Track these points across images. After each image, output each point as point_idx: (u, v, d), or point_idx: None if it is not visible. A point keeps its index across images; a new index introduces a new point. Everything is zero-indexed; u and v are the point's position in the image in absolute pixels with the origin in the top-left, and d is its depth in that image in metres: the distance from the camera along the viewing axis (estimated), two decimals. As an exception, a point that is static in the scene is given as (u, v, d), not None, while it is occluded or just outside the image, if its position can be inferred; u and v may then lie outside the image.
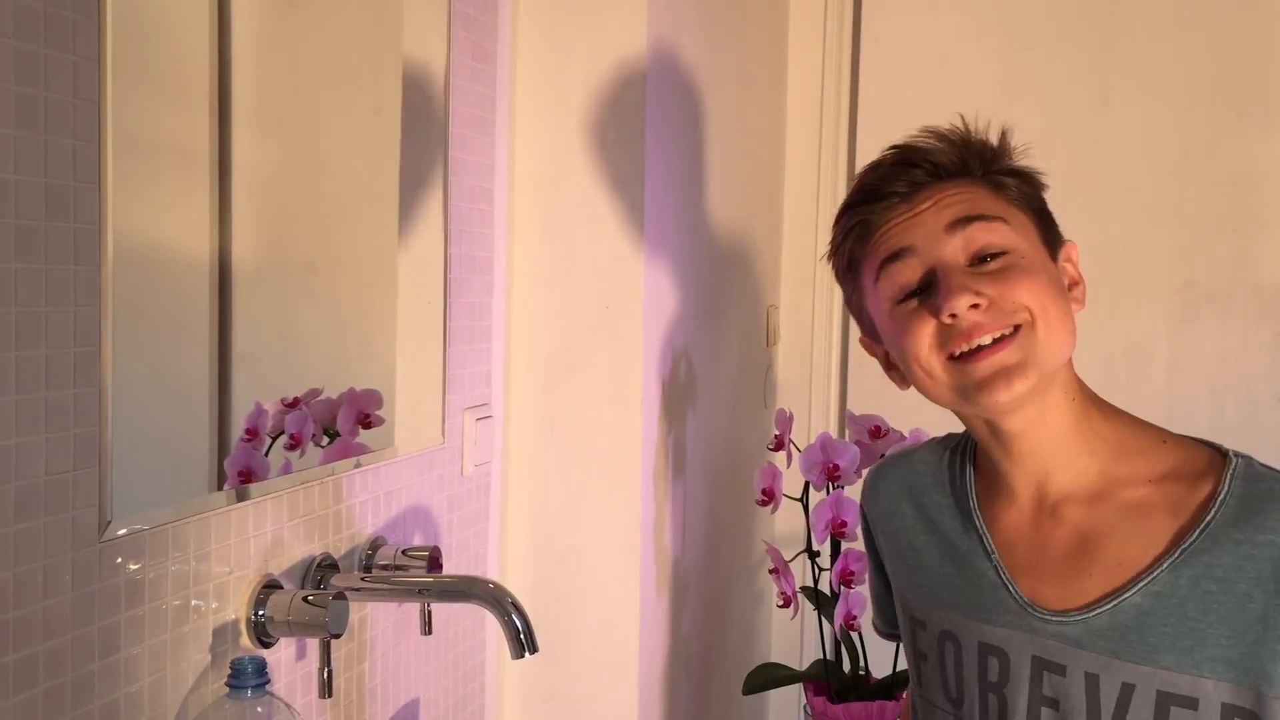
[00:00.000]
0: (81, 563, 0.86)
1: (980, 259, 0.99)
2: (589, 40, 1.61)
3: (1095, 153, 2.45)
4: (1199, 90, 2.44)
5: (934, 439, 1.21)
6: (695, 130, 1.88)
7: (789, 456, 1.82)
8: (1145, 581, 0.97)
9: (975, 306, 0.97)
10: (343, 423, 1.27)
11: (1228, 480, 0.98)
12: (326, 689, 1.10)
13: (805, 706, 1.79)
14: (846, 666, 1.80)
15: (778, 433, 1.83)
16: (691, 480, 1.93)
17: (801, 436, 2.41)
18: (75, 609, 0.85)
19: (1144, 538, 0.99)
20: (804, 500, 1.78)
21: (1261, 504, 0.96)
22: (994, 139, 1.05)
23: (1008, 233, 1.00)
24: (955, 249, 0.99)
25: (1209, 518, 0.97)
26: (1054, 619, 1.01)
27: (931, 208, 1.01)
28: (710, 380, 2.04)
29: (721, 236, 2.11)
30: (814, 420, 2.63)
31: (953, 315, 0.97)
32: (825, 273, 2.65)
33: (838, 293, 2.65)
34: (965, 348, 0.97)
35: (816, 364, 2.68)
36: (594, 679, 1.65)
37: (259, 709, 0.97)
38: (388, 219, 1.34)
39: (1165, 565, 0.97)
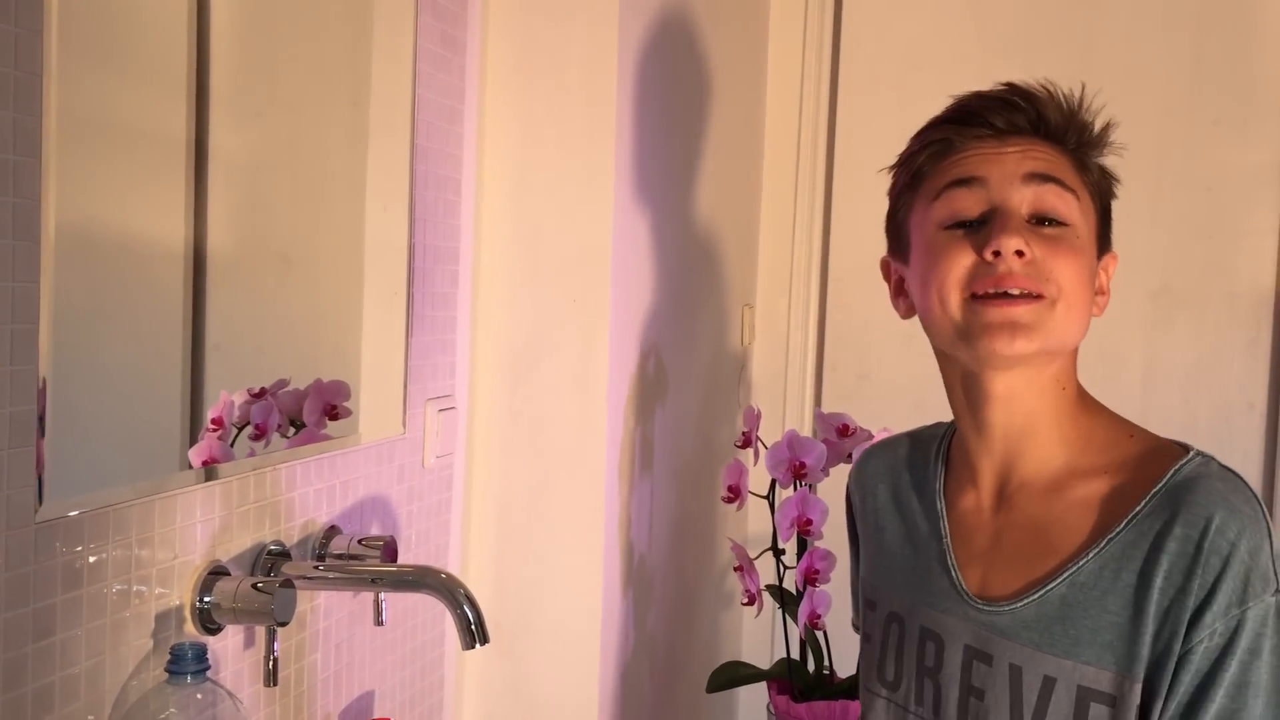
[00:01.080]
0: (16, 543, 0.84)
1: (1040, 220, 0.98)
2: (561, 31, 1.60)
3: (1072, 157, 2.45)
4: (1175, 97, 2.44)
5: (920, 429, 1.21)
6: (669, 126, 1.87)
7: (756, 454, 1.81)
8: (1070, 572, 0.97)
9: (1020, 254, 0.96)
10: (309, 414, 1.26)
11: (1170, 473, 0.96)
12: (271, 678, 1.09)
13: (769, 705, 1.78)
14: (811, 666, 1.80)
15: (745, 430, 1.82)
16: (660, 477, 1.92)
17: (773, 436, 2.41)
18: (8, 590, 0.84)
19: (1079, 527, 0.98)
20: (770, 498, 1.78)
21: (1188, 495, 0.94)
22: (1099, 124, 1.04)
23: (1075, 208, 0.99)
24: (1023, 199, 0.98)
25: (1138, 508, 0.96)
26: (986, 608, 1.01)
27: (1018, 153, 1.00)
28: (681, 377, 2.03)
29: (695, 234, 2.10)
30: (789, 421, 2.63)
31: (996, 253, 0.96)
32: (802, 273, 2.67)
33: (815, 293, 2.68)
34: (991, 290, 0.96)
35: (792, 364, 2.68)
36: (555, 674, 1.64)
37: (199, 695, 0.95)
38: (356, 208, 1.33)
39: (1089, 555, 0.96)
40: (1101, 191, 1.04)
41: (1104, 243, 1.05)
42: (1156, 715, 0.91)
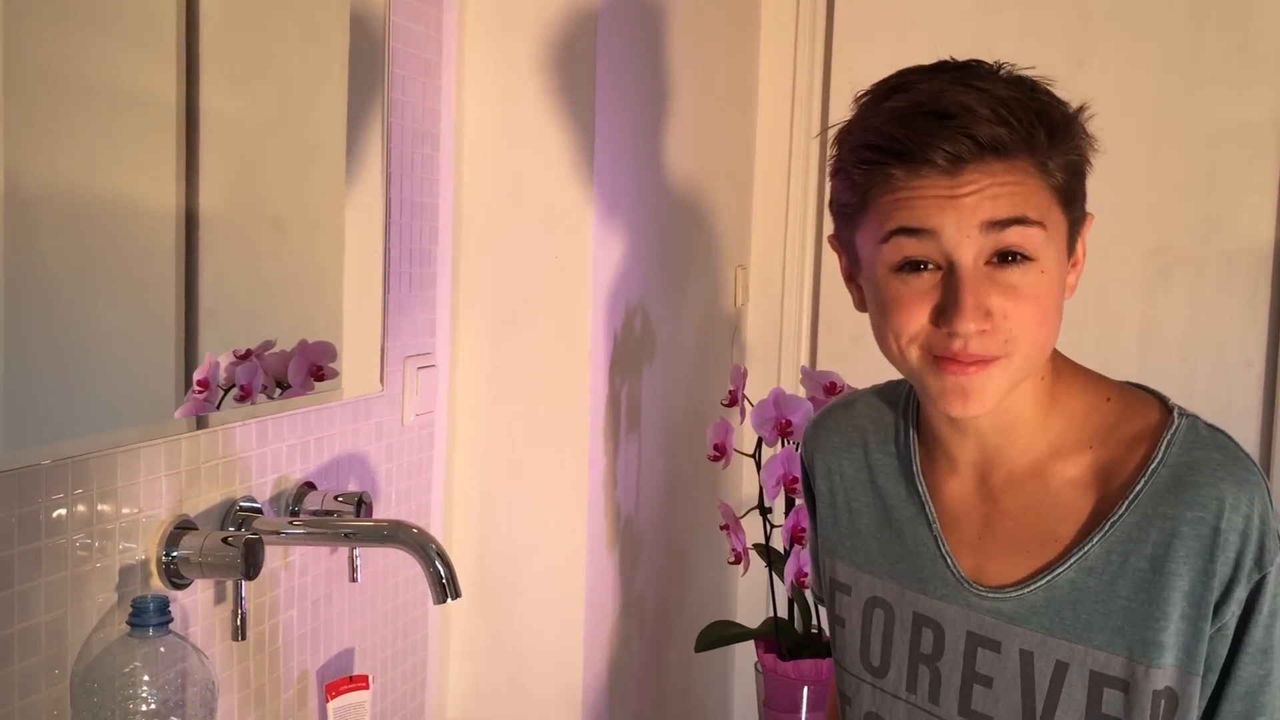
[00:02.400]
0: (-32, 494, 0.83)
1: (1003, 256, 0.89)
2: (540, -17, 1.57)
3: (1069, 114, 2.42)
4: (1174, 53, 2.40)
5: (873, 388, 1.16)
6: (656, 81, 1.84)
7: (743, 413, 1.80)
8: (1077, 556, 0.95)
9: (982, 331, 0.89)
10: (294, 375, 1.25)
11: (1163, 447, 0.93)
12: (240, 632, 1.09)
13: (756, 664, 1.78)
14: (799, 625, 1.79)
15: (732, 388, 1.80)
16: (648, 437, 1.91)
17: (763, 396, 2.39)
18: (-38, 541, 0.83)
19: (1079, 510, 0.96)
20: (756, 456, 1.76)
21: (1192, 475, 0.91)
22: (1065, 114, 0.92)
23: (1040, 240, 0.89)
24: (982, 248, 0.88)
25: (1138, 488, 0.93)
26: (990, 595, 0.98)
27: (973, 195, 0.87)
28: (670, 337, 2.01)
29: (682, 192, 2.08)
30: (784, 382, 2.61)
31: (953, 333, 0.89)
32: (796, 235, 2.65)
33: (809, 255, 2.66)
34: (948, 355, 0.90)
35: (786, 325, 2.66)
36: (539, 633, 1.63)
37: (162, 649, 0.95)
38: (337, 165, 1.32)
39: (1095, 539, 0.94)
40: (1069, 190, 0.92)
41: (1078, 222, 0.95)
42: (1197, 695, 0.91)
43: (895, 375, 1.19)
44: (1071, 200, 0.93)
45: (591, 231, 1.59)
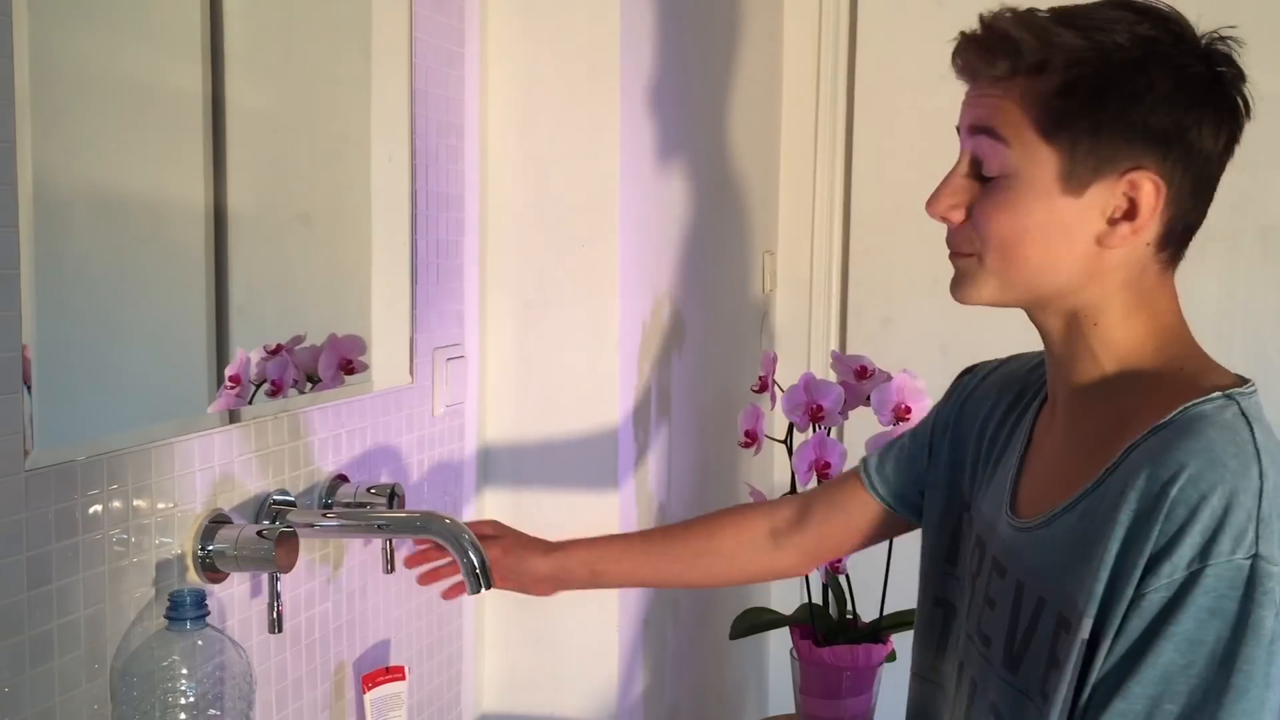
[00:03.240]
0: (5, 491, 0.84)
1: (977, 165, 0.97)
2: (562, -30, 1.56)
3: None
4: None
5: (1030, 352, 1.17)
6: (680, 67, 1.83)
7: (773, 398, 1.79)
8: (1074, 499, 0.95)
9: (945, 219, 0.99)
10: (324, 369, 1.26)
11: (1176, 411, 0.90)
12: (276, 625, 1.09)
13: (792, 650, 1.77)
14: (834, 611, 1.78)
15: (762, 374, 1.79)
16: (678, 425, 1.91)
17: (794, 382, 2.39)
18: (0, 538, 0.84)
19: (1098, 457, 0.95)
20: (787, 442, 1.76)
21: (1176, 439, 0.88)
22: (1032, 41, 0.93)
23: (1007, 157, 0.94)
24: (964, 152, 0.99)
25: (1133, 442, 0.91)
26: (1015, 524, 1.01)
27: (971, 101, 0.98)
28: (699, 325, 2.00)
29: (710, 178, 2.07)
30: (813, 367, 2.60)
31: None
32: (824, 220, 2.63)
33: (836, 240, 2.64)
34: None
35: (815, 311, 2.65)
36: (574, 622, 1.63)
37: (199, 642, 0.95)
38: (363, 158, 1.32)
39: (1096, 488, 0.93)
40: (1059, 113, 0.91)
41: (1098, 169, 0.92)
42: (1103, 655, 0.88)
43: (924, 361, 1.19)
44: (1058, 133, 0.92)
45: (618, 219, 1.58)
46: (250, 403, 1.12)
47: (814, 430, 1.70)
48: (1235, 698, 0.84)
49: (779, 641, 2.50)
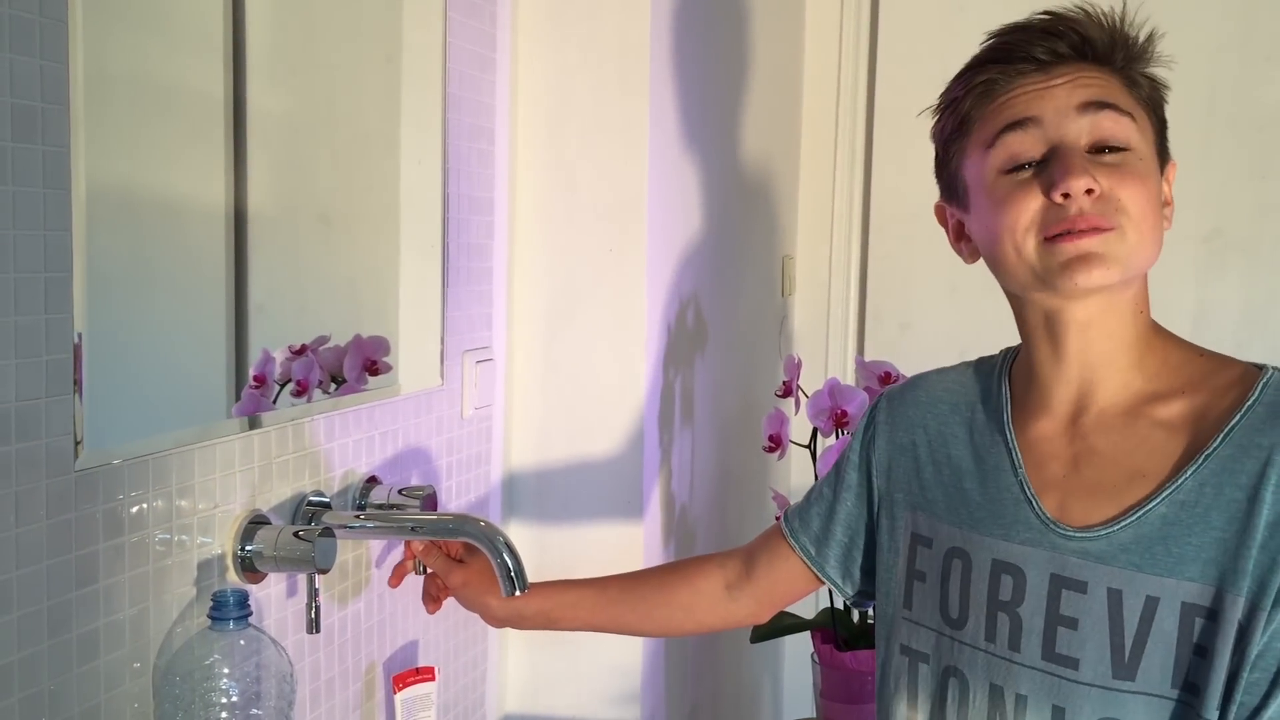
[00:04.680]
0: (55, 491, 0.85)
1: (1100, 149, 0.97)
2: (593, -24, 1.57)
3: (1120, 98, 2.40)
4: (1226, 34, 2.37)
5: (964, 363, 1.19)
6: (705, 73, 1.84)
7: (797, 403, 1.79)
8: (1169, 490, 0.96)
9: (1089, 192, 0.95)
10: (349, 369, 1.26)
11: (1259, 388, 0.96)
12: (314, 625, 1.10)
13: (813, 655, 1.78)
14: (855, 615, 1.79)
15: (786, 379, 1.80)
16: (700, 428, 1.91)
17: (815, 387, 2.40)
18: (50, 537, 0.85)
19: (1169, 449, 0.97)
20: (811, 447, 1.76)
21: None
22: (1142, 37, 1.02)
23: (1133, 130, 0.98)
24: (1080, 131, 0.97)
25: (1233, 422, 0.95)
26: (1077, 535, 0.99)
27: (1066, 83, 0.97)
28: (721, 328, 2.01)
29: (733, 182, 2.08)
30: (831, 372, 2.61)
31: (1066, 195, 0.95)
32: (843, 224, 2.64)
33: (855, 244, 2.65)
34: (1064, 230, 0.95)
35: (834, 315, 2.65)
36: (598, 624, 1.64)
37: (241, 641, 0.96)
38: (391, 161, 1.33)
39: (1189, 473, 0.95)
40: (1155, 104, 1.02)
41: (1163, 154, 1.03)
42: (1259, 632, 0.90)
43: (947, 363, 1.20)
44: (1157, 111, 1.02)
45: (646, 224, 1.59)
46: (275, 403, 1.12)
47: (838, 436, 1.71)
48: None
49: (795, 646, 2.51)
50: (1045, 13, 1.01)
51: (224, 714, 0.94)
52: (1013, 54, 0.99)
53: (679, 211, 1.75)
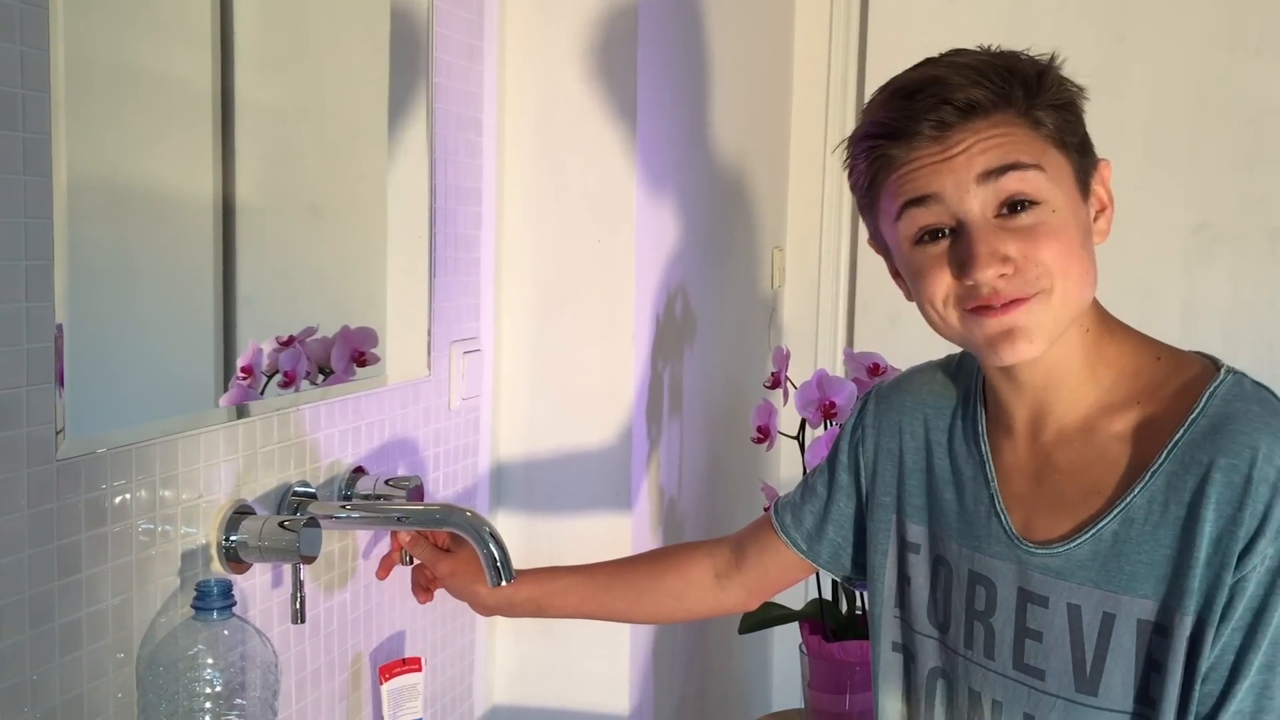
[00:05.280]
0: (37, 480, 0.84)
1: (1011, 206, 0.93)
2: (581, -34, 1.57)
3: (1109, 90, 2.39)
4: (1215, 28, 2.37)
5: (929, 363, 1.19)
6: (695, 65, 1.84)
7: (785, 394, 1.79)
8: (1120, 508, 0.96)
9: (1003, 275, 0.93)
10: (337, 361, 1.26)
11: (1205, 399, 0.95)
12: (299, 615, 1.10)
13: (801, 645, 1.78)
14: (844, 606, 1.79)
15: (774, 370, 1.80)
16: (689, 420, 1.91)
17: (804, 379, 2.40)
18: (32, 527, 0.84)
19: (1122, 463, 0.97)
20: (800, 438, 1.76)
21: (1229, 424, 0.92)
22: (1036, 67, 0.97)
23: (1042, 183, 0.94)
24: (985, 201, 0.93)
25: (1178, 437, 0.94)
26: (1039, 551, 1.00)
27: (963, 153, 0.93)
28: (709, 320, 2.01)
29: (722, 174, 2.08)
30: (820, 364, 2.61)
31: (976, 285, 0.93)
32: (832, 216, 2.64)
33: (845, 236, 2.65)
34: (983, 304, 0.94)
35: (823, 307, 2.65)
36: (585, 615, 1.64)
37: (226, 632, 0.96)
38: (379, 151, 1.32)
39: (1137, 489, 0.95)
40: (1066, 133, 0.96)
41: (1088, 173, 0.98)
42: (1208, 646, 0.90)
43: (936, 355, 1.20)
44: (1068, 144, 0.97)
45: (634, 215, 1.59)
46: (262, 394, 1.12)
47: (826, 427, 1.71)
48: None
49: (783, 637, 2.51)
50: (926, 71, 0.96)
51: (208, 704, 0.94)
52: (901, 130, 0.95)
53: (668, 203, 1.74)
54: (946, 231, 0.95)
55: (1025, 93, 0.94)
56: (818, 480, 1.24)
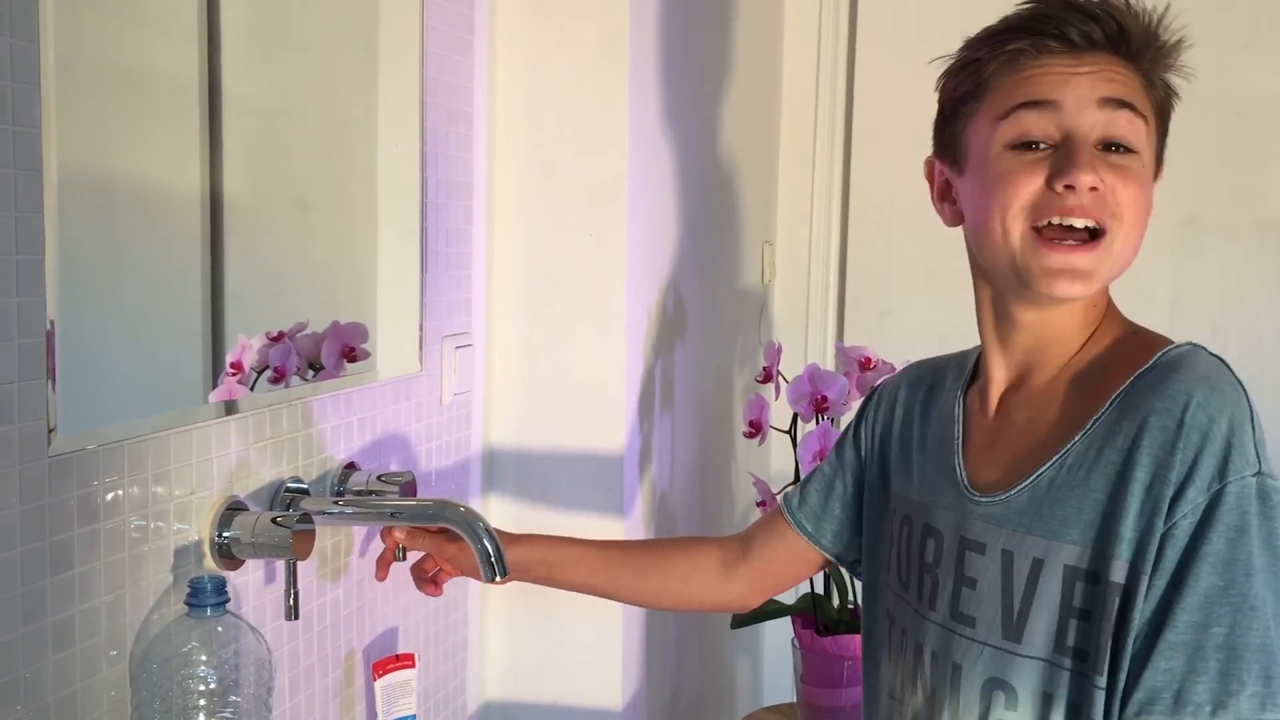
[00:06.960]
0: (29, 477, 0.84)
1: (1109, 146, 0.95)
2: (571, -41, 1.56)
3: (1098, 84, 2.40)
4: (1204, 21, 2.37)
5: (963, 351, 1.20)
6: (685, 58, 1.84)
7: (777, 389, 1.79)
8: (1059, 455, 0.97)
9: (1094, 189, 0.94)
10: (327, 356, 1.26)
11: (1155, 358, 0.96)
12: (293, 612, 1.09)
13: (793, 640, 1.78)
14: (836, 601, 1.79)
15: (766, 365, 1.80)
16: (681, 414, 1.91)
17: (795, 373, 2.40)
18: (24, 523, 0.83)
19: (1071, 418, 0.98)
20: (792, 433, 1.76)
21: (1170, 374, 0.93)
22: (1169, 42, 1.00)
23: (1144, 134, 0.97)
24: (1095, 124, 0.95)
25: (1122, 387, 0.95)
26: (984, 500, 1.02)
27: (1092, 73, 0.95)
28: (700, 315, 2.01)
29: (712, 169, 2.07)
30: (811, 358, 2.61)
31: (1069, 187, 0.94)
32: (822, 211, 2.63)
33: (835, 231, 2.64)
34: (1057, 220, 0.95)
35: (813, 301, 2.65)
36: (578, 611, 1.63)
37: (219, 628, 0.95)
38: (368, 145, 1.32)
39: (1077, 438, 0.96)
40: (1165, 111, 1.01)
41: (1161, 151, 1.02)
42: (1142, 594, 0.90)
43: (922, 352, 1.21)
44: (1165, 118, 1.01)
45: (625, 209, 1.58)
46: (252, 389, 1.12)
47: (818, 421, 1.71)
48: (1275, 611, 0.88)
49: (775, 632, 2.52)
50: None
51: (202, 701, 0.94)
52: (1046, 26, 0.96)
53: (659, 197, 1.74)
54: (1042, 146, 0.96)
55: (1157, 53, 0.98)
56: (825, 462, 1.27)
